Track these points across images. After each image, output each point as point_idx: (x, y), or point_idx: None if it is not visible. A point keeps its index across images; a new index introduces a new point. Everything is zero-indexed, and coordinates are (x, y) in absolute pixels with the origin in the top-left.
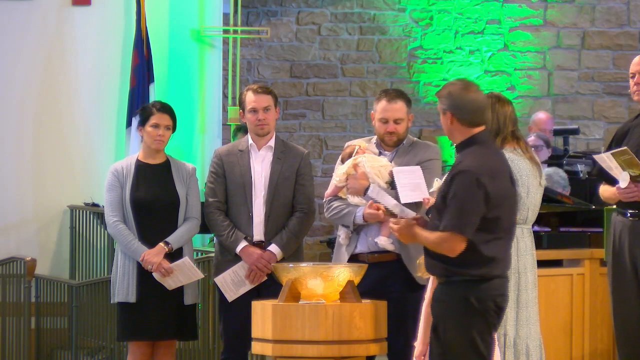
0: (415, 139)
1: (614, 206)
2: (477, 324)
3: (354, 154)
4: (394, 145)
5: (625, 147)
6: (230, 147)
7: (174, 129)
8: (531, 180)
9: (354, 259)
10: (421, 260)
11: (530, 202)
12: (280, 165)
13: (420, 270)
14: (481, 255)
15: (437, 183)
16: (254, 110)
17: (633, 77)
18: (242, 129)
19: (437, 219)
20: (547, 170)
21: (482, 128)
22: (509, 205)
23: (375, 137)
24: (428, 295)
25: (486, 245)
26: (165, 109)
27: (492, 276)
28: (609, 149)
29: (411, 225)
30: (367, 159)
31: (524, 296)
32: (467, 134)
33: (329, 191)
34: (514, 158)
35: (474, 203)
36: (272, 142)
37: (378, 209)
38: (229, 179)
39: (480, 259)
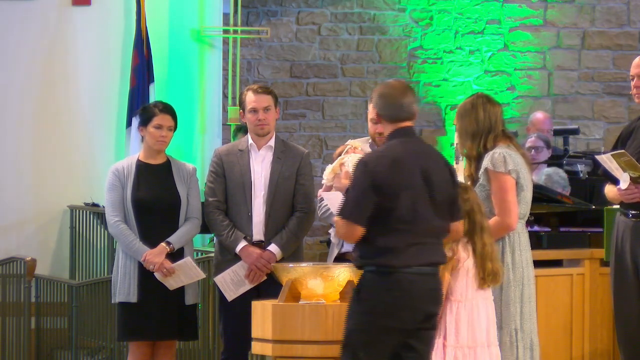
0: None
1: (614, 206)
2: (362, 315)
3: (343, 153)
4: None
5: (623, 150)
6: (230, 146)
7: (174, 129)
8: (527, 176)
9: (341, 257)
10: None
11: (527, 196)
12: (280, 165)
13: None
14: (376, 245)
15: None
16: (254, 110)
17: (633, 79)
18: (242, 129)
19: None
20: (547, 170)
21: (406, 124)
22: (408, 198)
23: None
24: None
25: (382, 236)
26: (168, 109)
27: (389, 267)
28: (614, 148)
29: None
30: (352, 159)
31: (527, 291)
32: (391, 128)
33: (320, 190)
34: (512, 153)
35: (361, 191)
36: (272, 142)
37: None
38: (228, 178)
39: (376, 249)
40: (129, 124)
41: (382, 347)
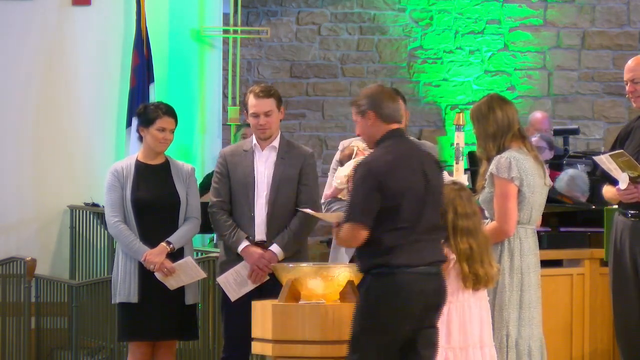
0: (411, 137)
1: (615, 206)
2: (369, 317)
3: (353, 156)
4: None
5: (621, 150)
6: (234, 147)
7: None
8: (536, 180)
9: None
10: None
11: (534, 201)
12: (284, 166)
13: None
14: (382, 244)
15: (447, 176)
16: (255, 115)
17: (627, 84)
18: (247, 124)
19: None
20: (571, 171)
21: (397, 125)
22: (411, 197)
23: None
24: None
25: (387, 235)
26: (171, 112)
27: (395, 265)
28: (612, 149)
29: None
30: None
31: (527, 297)
32: (384, 130)
33: (328, 192)
34: (520, 157)
35: (365, 192)
36: (276, 142)
37: None
38: (232, 179)
39: (382, 248)
40: (129, 124)
41: (389, 348)
